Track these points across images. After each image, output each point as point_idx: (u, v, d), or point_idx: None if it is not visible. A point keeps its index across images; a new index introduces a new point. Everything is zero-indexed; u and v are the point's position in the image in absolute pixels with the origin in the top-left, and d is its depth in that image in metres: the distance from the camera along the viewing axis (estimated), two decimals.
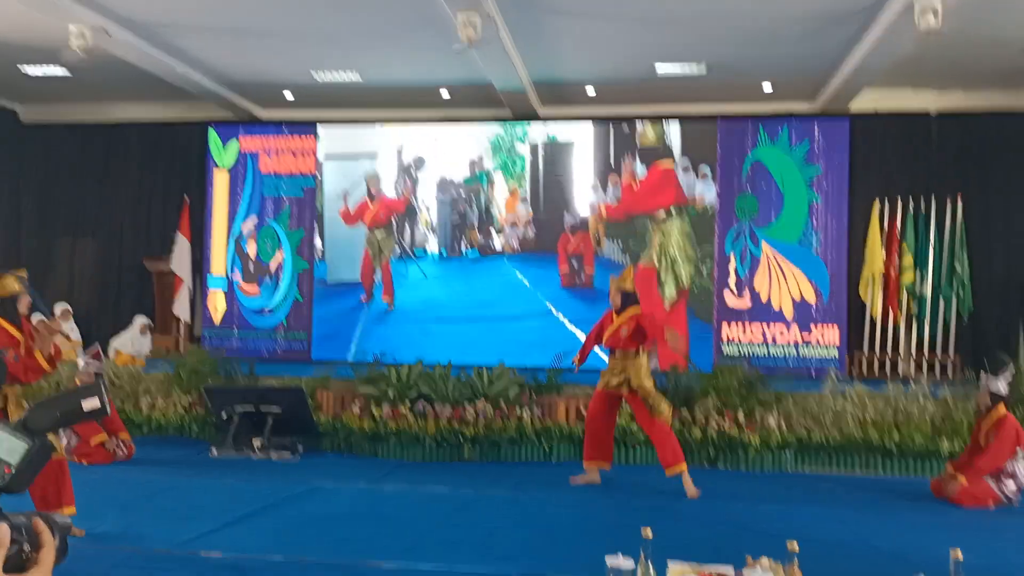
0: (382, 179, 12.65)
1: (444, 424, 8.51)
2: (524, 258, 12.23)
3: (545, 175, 12.35)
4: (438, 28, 9.44)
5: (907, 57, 9.88)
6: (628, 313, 7.23)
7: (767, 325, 11.44)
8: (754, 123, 11.73)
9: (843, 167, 11.43)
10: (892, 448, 8.19)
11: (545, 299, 12.07)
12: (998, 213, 11.56)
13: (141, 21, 9.99)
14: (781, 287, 11.45)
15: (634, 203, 11.88)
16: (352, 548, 5.12)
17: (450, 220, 12.55)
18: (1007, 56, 10.34)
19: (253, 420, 8.60)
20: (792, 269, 11.42)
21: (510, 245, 12.36)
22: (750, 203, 11.61)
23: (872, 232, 11.39)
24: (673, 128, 11.98)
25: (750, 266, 11.55)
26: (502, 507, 6.49)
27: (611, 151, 12.13)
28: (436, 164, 12.57)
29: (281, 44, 10.71)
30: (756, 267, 11.53)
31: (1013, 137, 11.49)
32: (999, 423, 6.92)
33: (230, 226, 12.87)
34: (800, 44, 10.03)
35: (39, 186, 13.95)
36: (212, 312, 12.78)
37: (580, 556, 4.94)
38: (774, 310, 11.44)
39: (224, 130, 13.00)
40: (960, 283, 11.14)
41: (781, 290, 11.45)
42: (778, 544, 3.92)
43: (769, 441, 8.25)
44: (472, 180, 12.49)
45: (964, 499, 6.81)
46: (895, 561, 4.98)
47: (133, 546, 5.02)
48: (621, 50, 10.42)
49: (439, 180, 12.56)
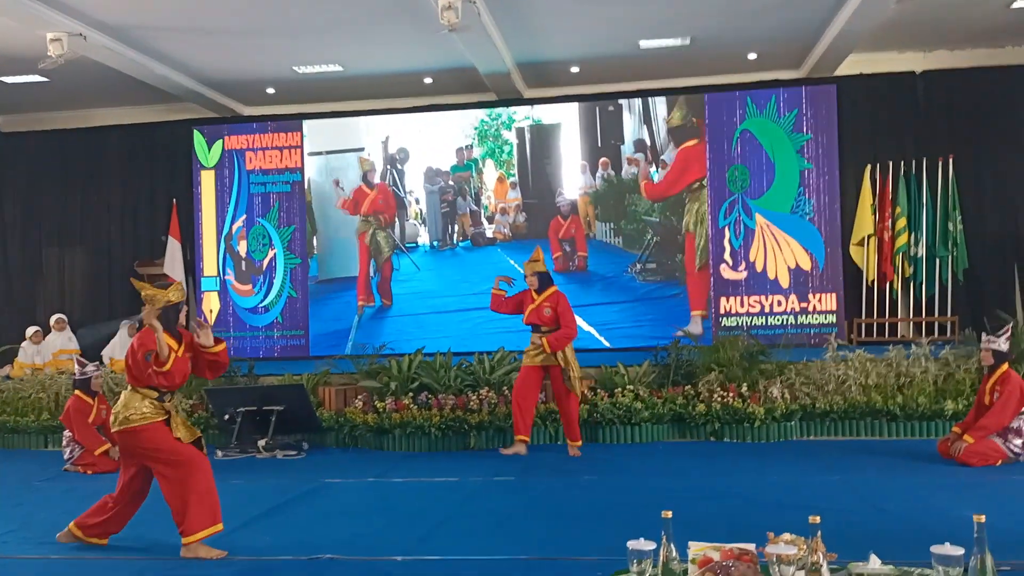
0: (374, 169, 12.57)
1: (448, 413, 8.49)
2: (516, 245, 12.16)
3: (533, 159, 12.29)
4: (418, 14, 9.36)
5: (891, 19, 9.85)
6: (547, 292, 8.00)
7: (764, 296, 11.44)
8: (741, 94, 11.69)
9: (832, 133, 11.41)
10: (896, 411, 8.21)
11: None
12: (989, 170, 11.54)
13: (117, 25, 9.88)
14: (777, 257, 11.44)
15: (673, 182, 11.84)
16: (365, 543, 5.10)
17: (440, 210, 12.48)
18: (990, 13, 10.31)
19: (256, 420, 8.58)
20: (786, 238, 11.41)
21: (501, 232, 12.31)
22: (741, 174, 11.58)
23: (863, 196, 11.38)
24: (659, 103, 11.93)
25: (744, 238, 11.53)
26: (512, 493, 6.48)
27: (598, 133, 12.07)
28: (423, 154, 12.48)
29: (260, 40, 10.61)
30: (751, 238, 11.51)
31: (1000, 93, 11.46)
32: (1003, 381, 6.94)
33: (220, 226, 12.80)
34: (783, 11, 9.98)
35: (22, 195, 13.82)
36: (206, 313, 12.72)
37: (595, 539, 4.94)
38: (771, 280, 11.44)
39: (209, 130, 12.90)
40: (954, 243, 11.14)
41: (777, 260, 11.44)
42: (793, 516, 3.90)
43: (774, 411, 8.26)
44: (460, 168, 12.42)
45: (971, 458, 6.82)
46: (912, 526, 4.97)
47: (147, 555, 4.98)
48: (604, 26, 10.35)
49: (426, 170, 12.47)
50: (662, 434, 8.54)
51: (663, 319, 11.58)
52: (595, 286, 11.97)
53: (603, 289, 11.91)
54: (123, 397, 5.12)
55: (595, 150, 12.07)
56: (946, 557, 2.75)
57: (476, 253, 12.37)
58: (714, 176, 11.68)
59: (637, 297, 11.82)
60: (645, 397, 8.56)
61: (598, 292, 11.91)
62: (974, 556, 2.78)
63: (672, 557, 3.01)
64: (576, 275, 12.00)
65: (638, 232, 11.89)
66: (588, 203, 12.04)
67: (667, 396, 8.60)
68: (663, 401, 8.55)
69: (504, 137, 12.31)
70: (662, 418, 8.52)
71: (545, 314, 7.90)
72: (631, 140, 11.99)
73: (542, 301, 7.94)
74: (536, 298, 7.99)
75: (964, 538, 2.84)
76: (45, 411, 9.58)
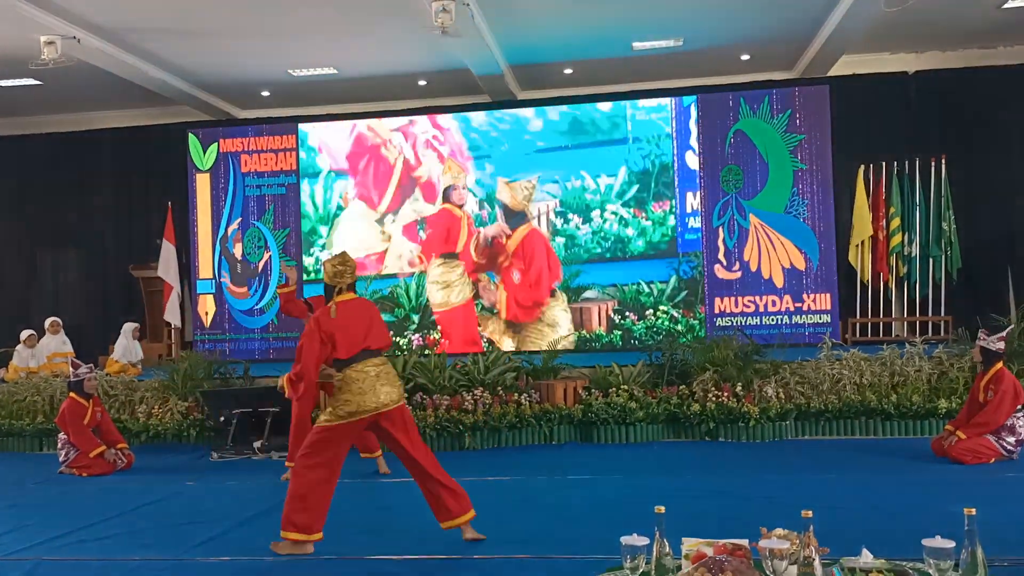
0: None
1: (443, 413, 8.49)
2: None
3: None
4: (412, 16, 9.38)
5: (883, 20, 9.89)
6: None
7: (759, 296, 11.47)
8: (734, 95, 11.72)
9: (825, 133, 11.45)
10: (890, 410, 8.23)
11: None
12: (981, 170, 11.59)
13: (111, 27, 9.90)
14: (771, 257, 11.47)
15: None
16: (361, 543, 5.10)
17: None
18: (982, 13, 10.36)
19: (251, 421, 8.58)
20: (780, 239, 11.45)
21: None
22: (735, 175, 11.62)
23: (859, 198, 11.42)
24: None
25: (738, 238, 11.57)
26: (508, 492, 6.48)
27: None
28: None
29: (255, 43, 10.63)
30: (745, 239, 11.55)
31: (992, 93, 11.52)
32: (996, 380, 6.95)
33: (215, 229, 12.80)
34: (776, 12, 10.03)
35: (15, 199, 13.82)
36: (202, 316, 12.74)
37: (590, 537, 4.95)
38: (765, 280, 11.47)
39: (203, 133, 12.90)
40: (948, 242, 11.19)
41: (771, 260, 11.47)
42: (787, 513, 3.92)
43: (768, 411, 8.27)
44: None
45: (964, 456, 6.84)
46: (905, 522, 4.99)
47: (142, 556, 4.98)
48: (597, 28, 10.38)
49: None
50: (656, 434, 8.55)
51: None
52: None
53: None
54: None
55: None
56: (937, 550, 2.76)
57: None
58: (708, 176, 11.70)
59: None
60: (639, 397, 8.57)
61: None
62: (965, 549, 2.80)
63: (665, 553, 3.02)
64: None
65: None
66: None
67: (661, 396, 8.61)
68: (657, 401, 8.56)
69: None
70: (656, 418, 8.53)
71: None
72: None
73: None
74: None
75: (956, 534, 2.86)
76: (40, 414, 9.57)
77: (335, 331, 4.83)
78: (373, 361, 4.92)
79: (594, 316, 11.87)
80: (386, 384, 4.91)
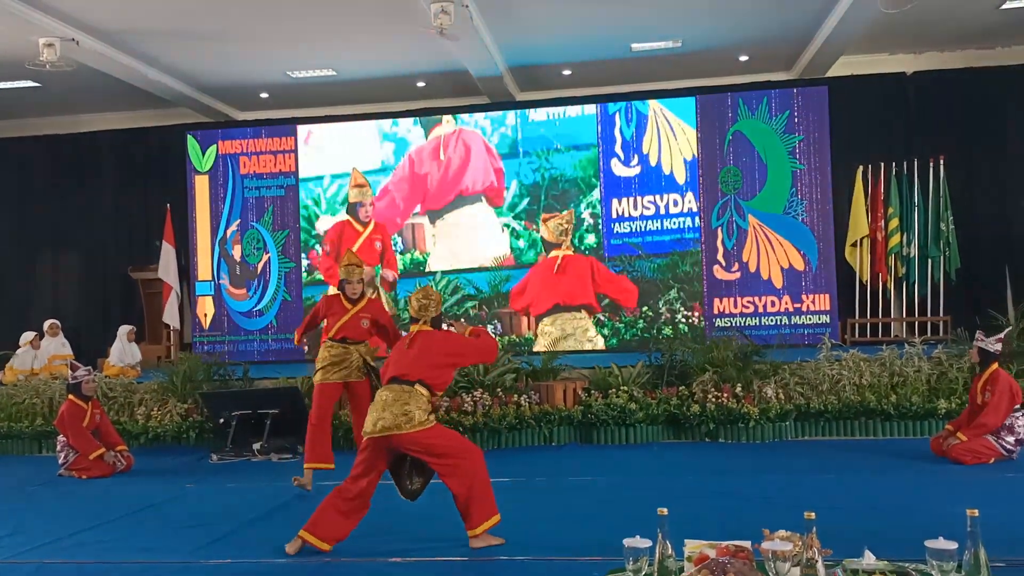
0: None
1: (443, 415, 8.47)
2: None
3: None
4: (411, 19, 9.38)
5: (881, 21, 9.89)
6: (361, 306, 6.91)
7: (758, 297, 11.48)
8: (733, 96, 11.73)
9: (824, 134, 11.46)
10: (890, 410, 8.23)
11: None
12: (980, 171, 11.61)
13: (110, 29, 9.89)
14: (770, 258, 11.48)
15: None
16: (361, 544, 5.09)
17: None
18: (980, 14, 10.37)
19: (251, 423, 8.57)
20: (779, 239, 11.46)
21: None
22: (734, 176, 11.62)
23: (856, 197, 11.43)
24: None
25: (737, 238, 11.57)
26: (507, 494, 6.43)
27: None
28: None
29: (254, 45, 10.63)
30: (744, 239, 11.56)
31: (990, 94, 11.54)
32: (992, 381, 6.96)
33: (214, 230, 12.80)
34: (774, 14, 10.04)
35: (14, 201, 13.81)
36: (201, 317, 12.73)
37: (590, 538, 4.94)
38: (764, 281, 11.48)
39: (202, 135, 12.90)
40: (946, 243, 11.20)
41: (770, 261, 11.48)
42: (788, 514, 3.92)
43: (768, 412, 8.27)
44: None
45: (964, 456, 6.84)
46: (906, 523, 4.99)
47: (142, 559, 4.98)
48: (595, 29, 10.39)
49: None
50: (656, 435, 8.54)
51: None
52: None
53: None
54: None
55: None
56: (940, 551, 2.76)
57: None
58: (706, 177, 11.71)
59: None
60: (639, 398, 8.57)
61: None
62: (968, 550, 2.80)
63: (668, 555, 3.02)
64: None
65: None
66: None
67: (661, 397, 8.61)
68: (657, 402, 8.56)
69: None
70: (656, 419, 8.52)
71: (362, 326, 6.89)
72: None
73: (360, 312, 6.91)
74: (351, 308, 6.91)
75: (958, 535, 2.86)
76: (39, 416, 9.55)
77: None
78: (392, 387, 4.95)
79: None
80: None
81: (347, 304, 6.90)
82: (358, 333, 6.86)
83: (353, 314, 6.86)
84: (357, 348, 6.84)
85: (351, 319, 6.84)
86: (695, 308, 11.66)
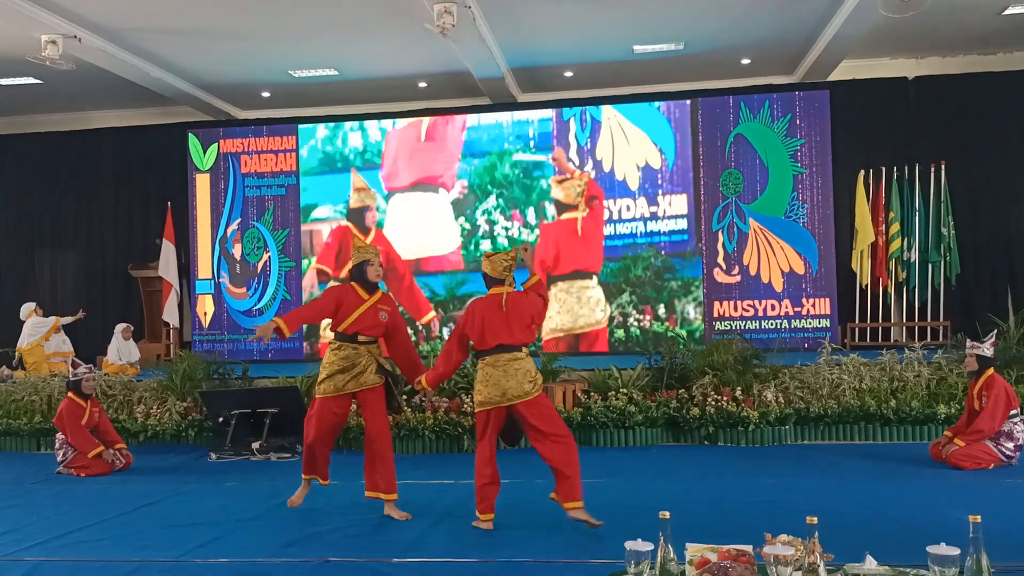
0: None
1: (442, 416, 8.48)
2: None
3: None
4: (414, 19, 9.37)
5: (883, 25, 9.90)
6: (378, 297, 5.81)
7: (758, 300, 11.49)
8: (735, 99, 11.73)
9: (825, 138, 11.47)
10: (890, 415, 8.23)
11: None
12: (981, 176, 11.62)
13: (112, 27, 9.88)
14: (770, 261, 11.48)
15: None
16: (360, 545, 5.09)
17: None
18: (982, 19, 10.38)
19: (250, 422, 8.57)
20: (780, 243, 11.46)
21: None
22: (735, 179, 11.63)
23: (859, 204, 11.43)
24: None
25: (738, 242, 11.57)
26: (506, 495, 6.45)
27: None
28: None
29: (256, 44, 10.62)
30: (744, 243, 11.56)
31: (992, 99, 11.55)
32: (988, 386, 6.96)
33: (214, 229, 12.79)
34: (776, 17, 10.04)
35: (15, 198, 13.80)
36: (201, 316, 12.72)
37: (590, 541, 4.94)
38: (764, 285, 11.48)
39: (203, 133, 12.90)
40: (947, 248, 11.21)
41: (771, 264, 11.48)
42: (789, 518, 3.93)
43: (768, 415, 8.27)
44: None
45: (963, 462, 6.84)
46: (907, 528, 4.99)
47: (141, 557, 4.97)
48: (598, 31, 10.39)
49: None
50: (656, 438, 8.54)
51: None
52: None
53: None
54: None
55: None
56: (942, 557, 2.76)
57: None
58: (708, 180, 11.71)
59: None
60: (639, 400, 8.57)
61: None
62: (970, 556, 2.80)
63: (670, 558, 3.02)
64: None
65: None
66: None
67: (661, 400, 8.61)
68: (657, 405, 8.55)
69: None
70: (656, 422, 8.52)
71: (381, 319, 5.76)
72: None
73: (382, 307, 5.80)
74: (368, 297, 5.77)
75: (958, 540, 2.86)
76: (38, 414, 9.54)
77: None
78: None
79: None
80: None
81: (363, 293, 5.71)
82: (375, 328, 5.69)
83: (371, 304, 5.66)
84: (369, 349, 5.72)
85: (368, 310, 5.64)
86: (647, 311, 11.71)
